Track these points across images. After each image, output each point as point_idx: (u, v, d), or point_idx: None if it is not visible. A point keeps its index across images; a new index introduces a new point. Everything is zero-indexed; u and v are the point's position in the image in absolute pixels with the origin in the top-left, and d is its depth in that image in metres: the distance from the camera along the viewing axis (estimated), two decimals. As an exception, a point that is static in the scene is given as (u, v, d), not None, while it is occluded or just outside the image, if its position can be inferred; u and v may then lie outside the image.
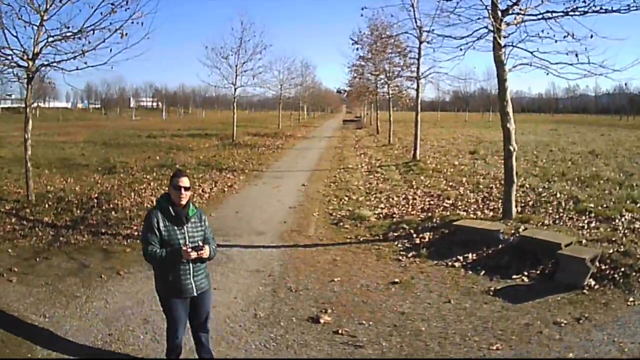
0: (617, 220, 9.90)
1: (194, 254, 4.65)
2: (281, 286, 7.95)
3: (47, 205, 12.56)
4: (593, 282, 7.42)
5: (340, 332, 6.39)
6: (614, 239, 8.72)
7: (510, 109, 10.27)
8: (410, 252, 9.47)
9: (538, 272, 8.01)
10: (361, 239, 10.59)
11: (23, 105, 20.66)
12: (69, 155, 23.81)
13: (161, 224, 4.71)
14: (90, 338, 6.08)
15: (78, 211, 12.20)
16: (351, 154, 27.14)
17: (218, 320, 6.55)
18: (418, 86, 22.03)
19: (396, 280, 8.13)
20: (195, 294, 4.90)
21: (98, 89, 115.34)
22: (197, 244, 4.75)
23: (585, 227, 9.71)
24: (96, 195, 13.77)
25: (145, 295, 7.19)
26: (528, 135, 34.44)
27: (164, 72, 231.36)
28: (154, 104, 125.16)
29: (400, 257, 9.28)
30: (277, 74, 48.02)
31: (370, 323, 6.66)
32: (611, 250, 8.13)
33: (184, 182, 4.76)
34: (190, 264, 4.80)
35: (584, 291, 7.25)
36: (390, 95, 30.55)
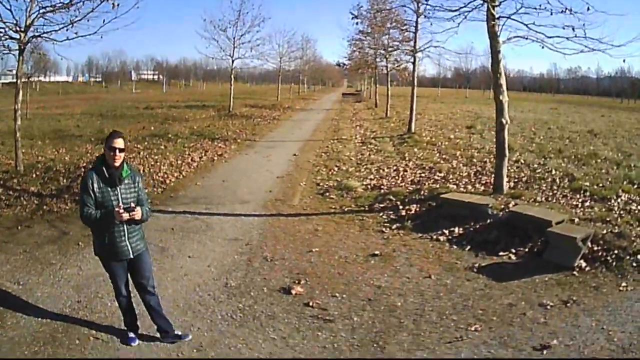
0: (612, 201, 9.37)
1: (125, 215, 4.57)
2: (257, 255, 7.58)
3: (34, 175, 12.18)
4: (584, 264, 6.89)
5: (311, 304, 6.01)
6: (608, 219, 8.17)
7: (503, 81, 9.84)
8: (394, 224, 8.99)
9: (527, 250, 7.51)
10: (346, 210, 10.13)
11: (23, 79, 20.14)
12: (64, 127, 23.27)
13: (95, 186, 4.63)
14: (59, 305, 5.85)
15: (64, 180, 11.82)
16: (347, 126, 26.58)
17: (188, 289, 6.31)
18: (415, 60, 21.51)
19: (376, 252, 7.68)
20: (131, 256, 4.84)
21: (99, 62, 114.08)
22: (129, 206, 4.64)
23: (579, 205, 9.20)
24: (84, 164, 13.36)
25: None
26: (527, 113, 33.80)
27: (166, 46, 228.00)
28: (155, 77, 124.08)
29: (384, 229, 8.81)
30: (277, 47, 47.05)
31: (344, 296, 6.24)
32: (605, 231, 7.58)
33: (119, 143, 4.65)
34: (125, 226, 4.72)
35: (574, 273, 6.73)
36: (389, 70, 29.90)
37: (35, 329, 5.30)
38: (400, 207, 9.77)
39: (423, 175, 12.59)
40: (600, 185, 10.57)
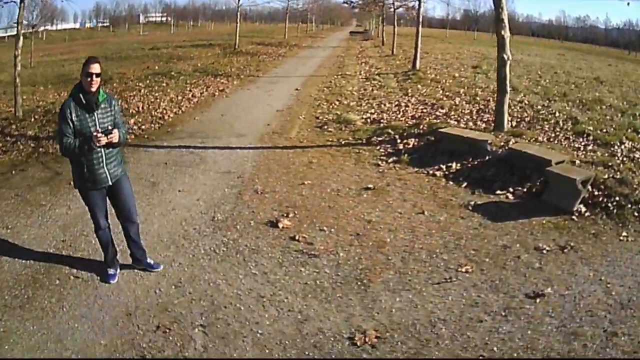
0: (615, 147, 8.64)
1: (103, 139, 4.32)
2: (248, 188, 7.15)
3: (33, 119, 11.53)
4: (583, 208, 6.31)
5: (297, 238, 5.60)
6: (610, 164, 7.51)
7: (505, 17, 9.16)
8: (391, 158, 8.45)
9: (525, 189, 6.92)
10: (343, 143, 9.57)
11: (30, 30, 19.18)
12: (67, 72, 22.13)
13: (73, 114, 4.38)
14: (44, 246, 5.48)
15: None
16: (352, 63, 25.44)
17: (174, 223, 5.96)
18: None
19: (370, 186, 7.17)
20: (110, 183, 4.60)
21: (107, 7, 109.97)
22: (106, 129, 4.40)
23: (582, 148, 8.54)
24: None
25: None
26: (534, 57, 32.38)
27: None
28: (164, 19, 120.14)
29: (380, 163, 8.28)
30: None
31: (332, 230, 5.80)
32: (606, 176, 6.95)
33: (95, 68, 4.41)
34: (103, 152, 4.48)
35: (573, 217, 6.15)
36: (396, 7, 28.61)
37: (19, 272, 4.92)
38: (398, 140, 9.21)
39: (425, 110, 11.89)
40: (604, 130, 9.84)
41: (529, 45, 47.78)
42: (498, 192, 6.94)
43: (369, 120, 11.19)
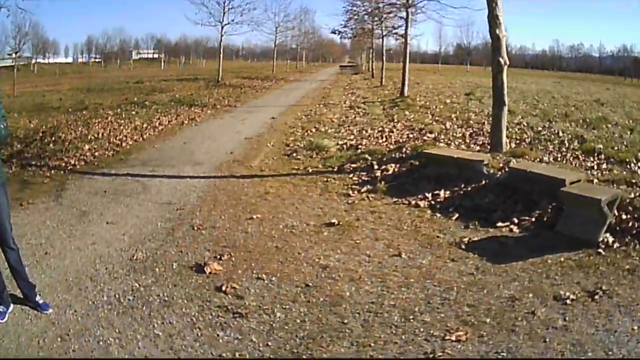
0: (632, 165, 7.46)
1: None
2: (184, 222, 5.93)
3: None
4: (610, 238, 4.90)
5: (224, 289, 4.23)
6: (634, 181, 6.23)
7: (500, 13, 7.97)
8: (364, 187, 7.06)
9: (533, 219, 5.50)
10: (310, 171, 8.26)
11: (21, 62, 18.57)
12: (46, 101, 21.74)
13: None
14: None
15: (18, 145, 10.48)
16: (338, 93, 24.66)
17: (87, 261, 4.94)
18: (408, 15, 19.73)
19: (334, 221, 5.74)
20: None
21: (99, 41, 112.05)
22: None
23: (595, 167, 7.35)
24: (43, 130, 12.01)
25: (33, 226, 5.99)
26: (530, 85, 31.66)
27: (166, 24, 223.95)
28: (155, 55, 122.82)
29: (351, 192, 6.89)
30: (273, 15, 45.41)
31: (274, 279, 4.38)
32: (632, 195, 5.60)
33: None
34: None
35: (599, 250, 4.75)
36: (384, 34, 28.47)
37: None
38: (376, 167, 7.83)
39: (411, 135, 10.61)
40: (616, 148, 8.71)
41: (523, 75, 47.62)
42: (499, 224, 5.50)
43: (344, 146, 9.91)
